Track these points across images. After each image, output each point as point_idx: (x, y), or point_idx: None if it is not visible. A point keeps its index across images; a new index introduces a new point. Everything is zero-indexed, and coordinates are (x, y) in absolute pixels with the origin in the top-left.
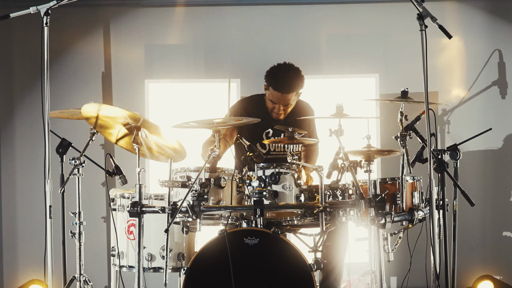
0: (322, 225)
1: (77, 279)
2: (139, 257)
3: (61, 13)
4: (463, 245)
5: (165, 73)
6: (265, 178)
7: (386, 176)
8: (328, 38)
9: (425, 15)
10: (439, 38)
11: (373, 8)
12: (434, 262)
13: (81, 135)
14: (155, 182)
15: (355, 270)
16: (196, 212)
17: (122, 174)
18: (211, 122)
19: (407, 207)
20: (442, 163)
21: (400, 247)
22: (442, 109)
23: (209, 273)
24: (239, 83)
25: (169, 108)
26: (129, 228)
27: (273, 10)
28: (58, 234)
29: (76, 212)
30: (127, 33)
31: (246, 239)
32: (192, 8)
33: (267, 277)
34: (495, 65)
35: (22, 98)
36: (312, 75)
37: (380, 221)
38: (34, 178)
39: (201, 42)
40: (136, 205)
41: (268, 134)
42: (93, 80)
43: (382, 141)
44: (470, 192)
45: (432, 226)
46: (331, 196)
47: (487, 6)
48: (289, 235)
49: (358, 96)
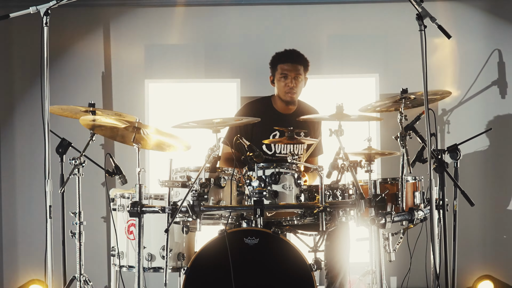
0: (322, 225)
1: (77, 279)
2: (139, 257)
3: (61, 13)
4: (463, 245)
5: (165, 73)
6: (265, 178)
7: (387, 176)
8: (328, 38)
9: (424, 15)
10: (438, 38)
11: (373, 8)
12: (434, 262)
13: (81, 135)
14: (155, 182)
15: (355, 270)
16: (196, 212)
17: (122, 174)
18: (211, 122)
19: (408, 207)
20: (442, 163)
21: (400, 247)
22: (442, 109)
23: (209, 273)
24: (239, 83)
25: (169, 108)
26: (129, 228)
27: (273, 10)
28: (58, 234)
29: (76, 212)
30: (127, 33)
31: (246, 239)
32: (192, 8)
33: (267, 277)
34: (495, 65)
35: (22, 98)
36: (312, 75)
37: (380, 221)
38: (34, 178)
39: (201, 42)
40: (136, 205)
41: (275, 136)
42: (93, 80)
43: (382, 141)
44: (470, 192)
45: (432, 226)
46: (331, 196)
47: (486, 6)
48: (289, 235)
49: (358, 96)
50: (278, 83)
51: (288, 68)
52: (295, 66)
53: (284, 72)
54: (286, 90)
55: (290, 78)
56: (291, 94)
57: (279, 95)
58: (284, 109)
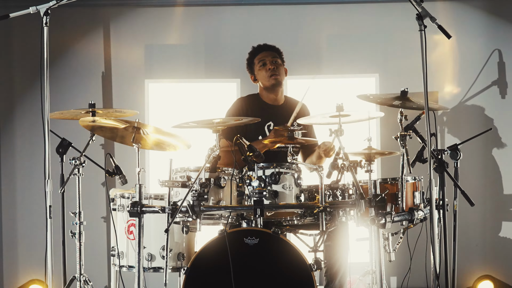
0: (322, 225)
1: (77, 279)
2: (139, 257)
3: (61, 13)
4: (463, 245)
5: (165, 73)
6: (265, 178)
7: (387, 176)
8: (328, 38)
9: (424, 15)
10: (438, 38)
11: (373, 8)
12: (434, 262)
13: (81, 135)
14: (155, 182)
15: (355, 270)
16: (196, 212)
17: (122, 174)
18: (211, 122)
19: (408, 207)
20: (442, 163)
21: (400, 247)
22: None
23: (209, 273)
24: (239, 83)
25: (169, 108)
26: (129, 228)
27: (273, 10)
28: (58, 234)
29: (76, 212)
30: (127, 33)
31: (246, 239)
32: (192, 8)
33: (267, 277)
34: (495, 65)
35: (22, 98)
36: (312, 75)
37: (380, 221)
38: (34, 178)
39: (201, 42)
40: (136, 205)
41: (269, 127)
42: (93, 80)
43: (382, 141)
44: (470, 192)
45: (432, 226)
46: (331, 196)
47: (486, 6)
48: (289, 235)
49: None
50: (260, 73)
51: (264, 55)
52: (270, 52)
53: (262, 59)
54: (269, 74)
55: (269, 62)
56: (275, 76)
57: (264, 86)
58: (273, 100)
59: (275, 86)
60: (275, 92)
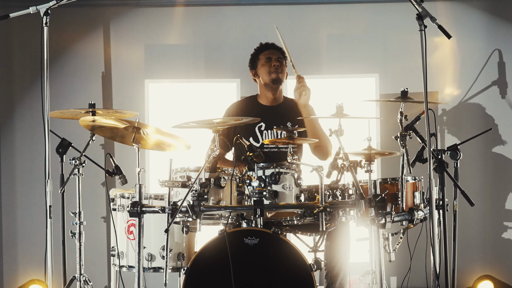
0: (322, 225)
1: (77, 279)
2: (139, 257)
3: (61, 13)
4: (463, 245)
5: (165, 73)
6: (265, 178)
7: (387, 176)
8: (328, 38)
9: (424, 15)
10: (438, 38)
11: (373, 8)
12: (434, 262)
13: (81, 135)
14: (155, 182)
15: (355, 270)
16: (196, 212)
17: (122, 174)
18: (210, 122)
19: (408, 207)
20: (442, 163)
21: (400, 247)
22: (442, 109)
23: (209, 273)
24: (239, 83)
25: (169, 108)
26: (129, 228)
27: (273, 10)
28: (58, 234)
29: (76, 212)
30: (127, 33)
31: (246, 239)
32: (192, 8)
33: (267, 277)
34: (495, 65)
35: (22, 98)
36: (312, 75)
37: (380, 221)
38: (34, 178)
39: (201, 42)
40: (136, 205)
41: (261, 128)
42: (93, 80)
43: (382, 141)
44: (470, 192)
45: (432, 226)
46: (331, 196)
47: (486, 6)
48: (289, 235)
49: (358, 96)
50: (263, 68)
51: (272, 52)
52: (277, 52)
53: (268, 56)
54: (272, 69)
55: (274, 60)
56: (277, 72)
57: (265, 82)
58: (271, 100)
59: (276, 82)
60: (274, 90)
